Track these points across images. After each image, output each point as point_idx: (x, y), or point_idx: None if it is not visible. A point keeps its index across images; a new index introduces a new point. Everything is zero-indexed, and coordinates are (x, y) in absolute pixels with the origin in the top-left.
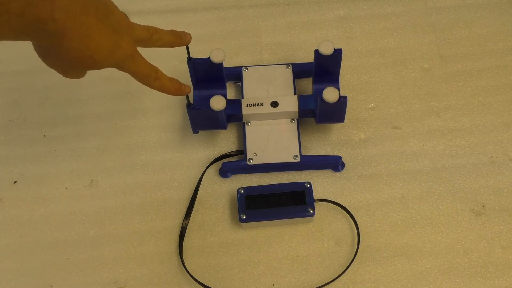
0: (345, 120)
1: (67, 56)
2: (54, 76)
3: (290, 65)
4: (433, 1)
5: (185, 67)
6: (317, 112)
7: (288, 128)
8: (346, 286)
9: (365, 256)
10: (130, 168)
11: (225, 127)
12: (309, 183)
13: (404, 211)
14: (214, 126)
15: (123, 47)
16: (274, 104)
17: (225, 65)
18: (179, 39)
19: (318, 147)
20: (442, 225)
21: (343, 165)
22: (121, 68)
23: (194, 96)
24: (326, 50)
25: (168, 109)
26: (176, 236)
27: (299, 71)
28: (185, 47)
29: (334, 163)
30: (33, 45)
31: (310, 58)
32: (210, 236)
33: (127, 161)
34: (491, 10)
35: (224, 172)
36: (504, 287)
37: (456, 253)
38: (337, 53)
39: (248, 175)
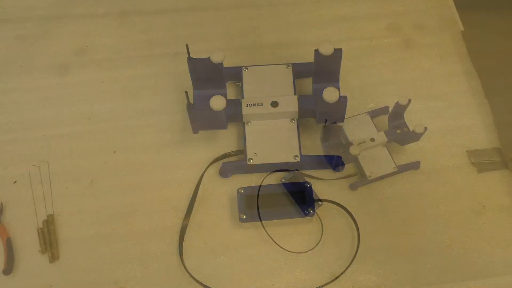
0: (345, 120)
1: None
2: (54, 76)
3: (290, 65)
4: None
5: (185, 67)
6: (317, 112)
7: (288, 128)
8: (346, 286)
9: (365, 256)
10: (130, 168)
11: (225, 127)
12: (309, 183)
13: (404, 211)
14: (214, 126)
15: None
16: (274, 104)
17: (225, 65)
18: None
19: (318, 147)
20: (442, 225)
21: (343, 165)
22: None
23: (194, 96)
24: (326, 50)
25: (168, 109)
26: (176, 236)
27: (299, 71)
28: (185, 46)
29: (334, 163)
30: None
31: (310, 58)
32: (210, 236)
33: (127, 161)
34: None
35: (224, 172)
36: (504, 287)
37: (456, 253)
38: (337, 53)
39: (248, 175)
